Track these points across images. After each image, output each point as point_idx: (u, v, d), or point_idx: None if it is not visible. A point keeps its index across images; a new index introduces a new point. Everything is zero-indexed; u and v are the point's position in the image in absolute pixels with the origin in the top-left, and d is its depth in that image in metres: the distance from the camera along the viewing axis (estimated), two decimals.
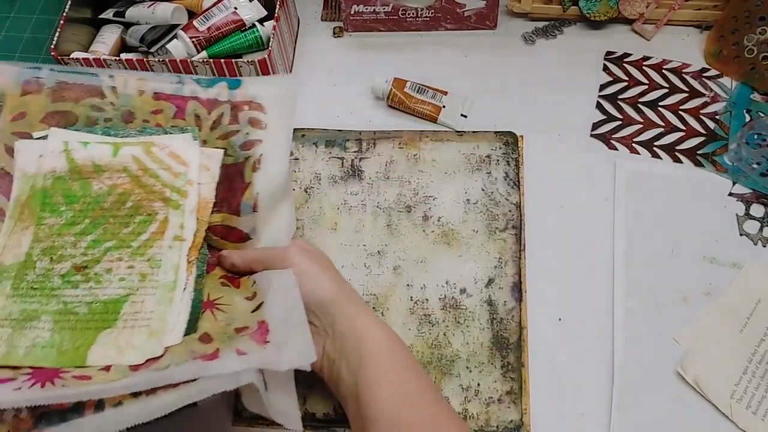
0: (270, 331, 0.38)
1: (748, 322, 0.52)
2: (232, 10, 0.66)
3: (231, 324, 0.40)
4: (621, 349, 0.52)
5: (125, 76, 0.48)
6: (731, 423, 0.49)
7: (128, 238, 0.43)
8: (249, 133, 0.47)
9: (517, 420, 0.49)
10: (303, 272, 0.42)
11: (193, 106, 0.47)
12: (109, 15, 0.69)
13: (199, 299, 0.42)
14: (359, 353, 0.41)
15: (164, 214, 0.44)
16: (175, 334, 0.40)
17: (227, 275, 0.46)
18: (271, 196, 0.47)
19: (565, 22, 0.70)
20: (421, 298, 0.54)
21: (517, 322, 0.53)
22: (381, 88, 0.65)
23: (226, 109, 0.47)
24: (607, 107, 0.64)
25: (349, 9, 0.69)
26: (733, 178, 0.59)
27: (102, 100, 0.47)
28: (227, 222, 0.46)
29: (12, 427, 0.34)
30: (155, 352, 0.39)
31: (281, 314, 0.39)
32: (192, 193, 0.45)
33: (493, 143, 0.61)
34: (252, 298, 0.43)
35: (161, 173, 0.45)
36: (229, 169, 0.47)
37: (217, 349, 0.37)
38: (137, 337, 0.39)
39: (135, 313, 0.41)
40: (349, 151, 0.62)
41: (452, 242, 0.56)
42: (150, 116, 0.47)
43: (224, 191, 0.46)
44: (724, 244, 0.56)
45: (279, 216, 0.47)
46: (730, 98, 0.64)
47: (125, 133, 0.46)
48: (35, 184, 0.44)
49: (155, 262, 0.42)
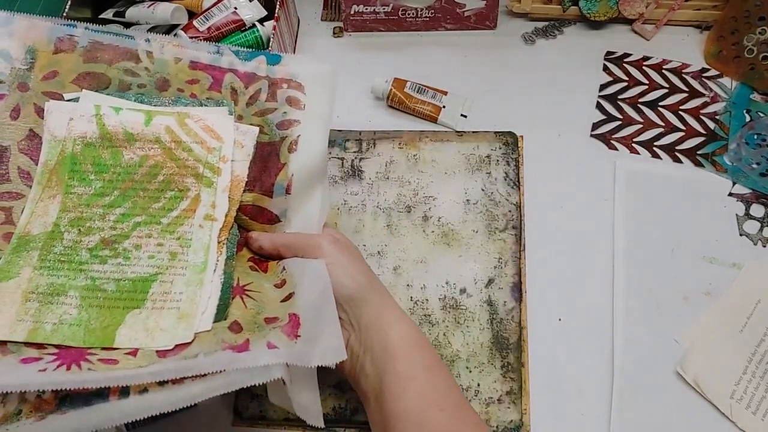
0: (301, 325, 0.38)
1: (748, 322, 0.52)
2: (232, 10, 0.66)
3: (261, 313, 0.40)
4: (621, 349, 0.52)
5: (162, 41, 0.46)
6: (731, 423, 0.49)
7: (158, 213, 0.42)
8: (287, 113, 0.46)
9: (517, 420, 0.49)
10: (333, 263, 0.41)
11: (230, 79, 0.46)
12: (109, 15, 0.69)
13: (229, 283, 0.41)
14: (385, 348, 0.40)
15: (196, 191, 0.43)
16: (205, 318, 0.39)
17: (255, 258, 0.45)
18: (306, 180, 0.45)
19: (565, 22, 0.70)
20: (421, 299, 0.54)
21: (517, 322, 0.53)
22: (381, 88, 0.65)
23: (263, 85, 0.47)
24: (607, 107, 0.64)
25: (349, 9, 0.69)
26: (733, 178, 0.59)
27: (137, 64, 0.45)
28: (258, 202, 0.45)
29: (34, 407, 0.34)
30: (185, 338, 0.38)
31: (313, 308, 0.39)
32: (225, 170, 0.44)
33: (493, 143, 0.61)
34: (281, 286, 0.42)
35: (194, 147, 0.44)
36: (264, 148, 0.46)
37: (247, 340, 0.36)
38: (166, 320, 0.38)
39: (164, 294, 0.40)
40: (349, 151, 0.62)
41: (452, 242, 0.56)
42: (185, 85, 0.46)
43: (258, 170, 0.45)
44: (724, 244, 0.56)
45: (312, 201, 0.46)
46: (730, 98, 0.64)
47: (159, 101, 0.45)
48: (64, 148, 0.43)
49: (185, 241, 0.41)
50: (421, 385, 0.39)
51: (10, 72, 0.44)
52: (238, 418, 0.51)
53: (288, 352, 0.36)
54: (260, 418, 0.51)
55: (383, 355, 0.40)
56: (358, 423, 0.50)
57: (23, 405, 0.34)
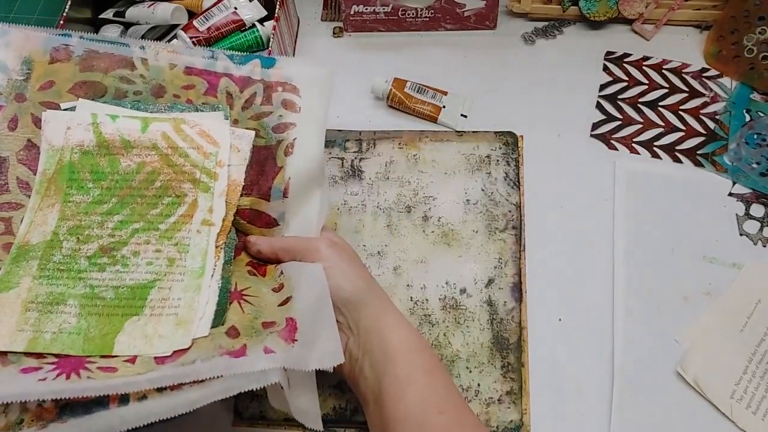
0: (299, 329, 0.38)
1: (748, 322, 0.52)
2: (232, 10, 0.66)
3: (258, 318, 0.40)
4: (621, 349, 0.52)
5: (157, 48, 0.46)
6: (731, 423, 0.49)
7: (156, 219, 0.42)
8: (282, 116, 0.46)
9: (517, 420, 0.49)
10: (331, 267, 0.41)
11: (225, 83, 0.46)
12: (109, 15, 0.69)
13: (227, 288, 0.41)
14: (384, 351, 0.40)
15: (193, 197, 0.43)
16: (203, 324, 0.39)
17: (253, 262, 0.45)
18: (304, 182, 0.46)
19: (565, 22, 0.70)
20: (421, 299, 0.54)
21: (517, 322, 0.53)
22: (381, 88, 0.65)
23: (258, 89, 0.47)
24: (607, 107, 0.64)
25: (349, 9, 0.69)
26: (733, 178, 0.59)
27: (132, 71, 0.46)
28: (256, 206, 0.45)
29: (35, 415, 0.34)
30: (183, 344, 0.38)
31: (310, 312, 0.39)
32: (222, 175, 0.44)
33: (493, 143, 0.61)
34: (279, 290, 0.42)
35: (191, 153, 0.44)
36: (261, 152, 0.46)
37: (244, 345, 0.37)
38: (164, 326, 0.39)
39: (162, 300, 0.40)
40: (349, 151, 0.62)
41: (452, 242, 0.56)
42: (181, 91, 0.46)
43: (255, 174, 0.45)
44: (724, 244, 0.56)
45: (310, 204, 0.46)
46: (730, 98, 0.64)
47: (155, 108, 0.45)
48: (62, 157, 0.43)
49: (183, 247, 0.42)
50: (420, 388, 0.39)
51: (7, 83, 0.44)
52: (238, 418, 0.51)
53: (285, 356, 0.36)
54: (260, 418, 0.51)
55: (383, 358, 0.40)
56: (358, 423, 0.50)
57: (25, 414, 0.34)
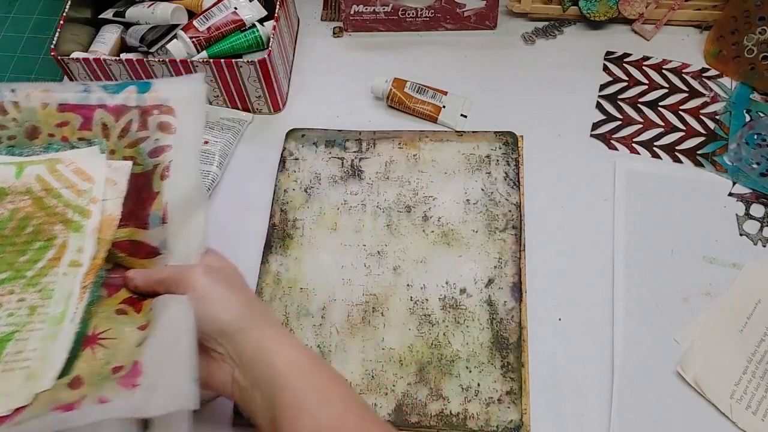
0: (142, 372, 0.36)
1: (748, 322, 0.52)
2: (232, 10, 0.66)
3: (110, 362, 0.38)
4: (621, 349, 0.52)
5: (28, 89, 0.45)
6: (731, 423, 0.49)
7: (24, 267, 0.41)
8: (159, 139, 0.44)
9: (517, 420, 0.49)
10: (203, 296, 0.39)
11: (100, 115, 0.45)
12: (109, 15, 0.69)
13: (83, 333, 0.39)
14: (272, 380, 0.38)
15: (63, 238, 0.41)
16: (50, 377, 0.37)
17: (132, 298, 0.43)
18: (183, 206, 0.44)
19: (565, 22, 0.70)
20: (421, 298, 0.54)
21: (517, 322, 0.53)
22: (381, 88, 0.65)
23: (134, 115, 0.45)
24: (607, 107, 0.64)
25: (349, 9, 0.69)
26: (733, 178, 0.59)
27: (4, 116, 0.44)
28: (134, 237, 0.43)
29: None
30: (25, 400, 0.36)
31: (160, 351, 0.37)
32: (95, 212, 0.42)
33: (492, 143, 0.61)
34: (144, 328, 0.40)
35: (64, 192, 0.43)
36: (138, 179, 0.44)
37: (83, 397, 0.35)
38: (13, 382, 0.37)
39: (17, 353, 0.38)
40: (349, 151, 0.62)
41: (452, 242, 0.57)
42: (55, 129, 0.45)
43: (132, 204, 0.44)
44: (724, 244, 0.56)
45: (192, 228, 0.44)
46: (730, 98, 0.64)
47: (30, 150, 0.44)
48: None
49: (47, 293, 0.40)
50: (312, 413, 0.37)
51: None
52: (239, 418, 0.51)
53: (120, 404, 0.34)
54: None
55: (271, 387, 0.38)
56: None
57: None
